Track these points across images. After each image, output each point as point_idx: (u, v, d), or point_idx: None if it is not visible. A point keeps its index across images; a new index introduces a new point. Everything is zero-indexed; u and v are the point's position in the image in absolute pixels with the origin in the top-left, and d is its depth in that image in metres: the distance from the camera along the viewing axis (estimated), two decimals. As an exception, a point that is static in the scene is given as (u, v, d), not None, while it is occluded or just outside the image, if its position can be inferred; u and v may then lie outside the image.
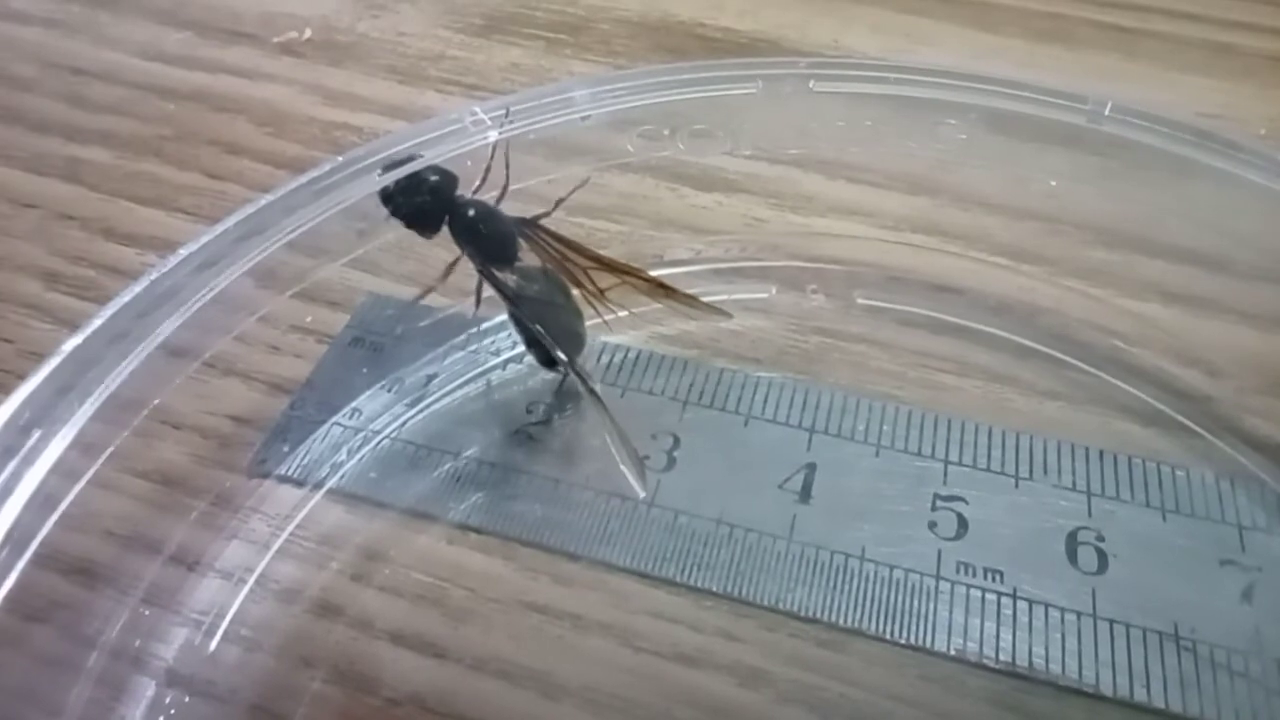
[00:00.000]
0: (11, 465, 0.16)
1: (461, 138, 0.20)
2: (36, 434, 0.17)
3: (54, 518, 0.17)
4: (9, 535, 0.16)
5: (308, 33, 0.34)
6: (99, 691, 0.17)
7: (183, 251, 0.20)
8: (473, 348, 0.23)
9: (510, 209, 0.26)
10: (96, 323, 0.18)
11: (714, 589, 0.19)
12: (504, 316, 0.23)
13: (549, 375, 0.22)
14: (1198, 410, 0.21)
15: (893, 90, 0.20)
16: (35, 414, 0.17)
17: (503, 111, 0.20)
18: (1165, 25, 0.35)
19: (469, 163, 0.20)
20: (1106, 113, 0.20)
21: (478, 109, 0.20)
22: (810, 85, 0.20)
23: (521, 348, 0.22)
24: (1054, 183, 0.22)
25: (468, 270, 0.25)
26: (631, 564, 0.19)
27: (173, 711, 0.17)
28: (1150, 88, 0.32)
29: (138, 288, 0.19)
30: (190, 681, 0.17)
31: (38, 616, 0.18)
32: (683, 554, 0.19)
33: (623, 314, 0.21)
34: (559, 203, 0.21)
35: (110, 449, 0.18)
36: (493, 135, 0.20)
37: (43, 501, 0.16)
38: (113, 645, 0.18)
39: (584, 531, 0.19)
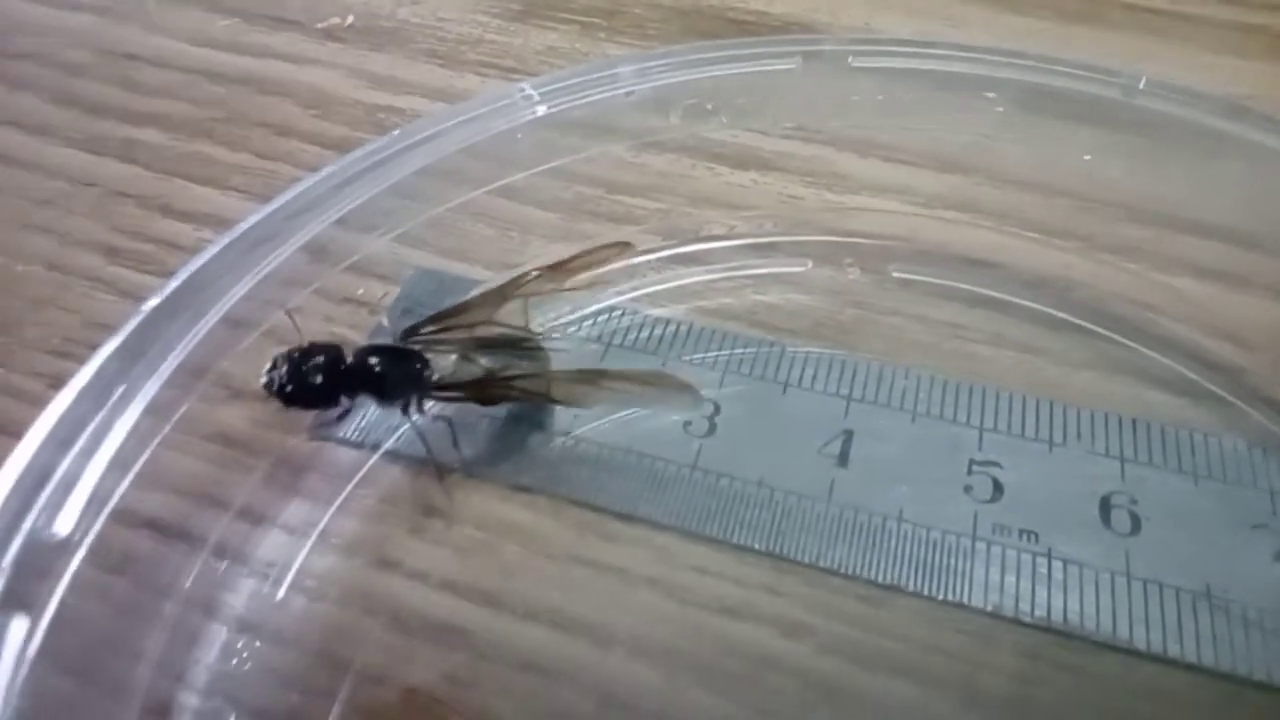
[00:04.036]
0: (90, 428, 0.17)
1: (512, 113, 0.21)
2: (114, 397, 0.18)
3: (129, 478, 0.17)
4: (92, 496, 0.16)
5: (350, 19, 0.35)
6: (175, 637, 0.18)
7: (241, 227, 0.21)
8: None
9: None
10: (161, 297, 0.19)
11: (756, 547, 0.19)
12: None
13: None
14: (1230, 381, 0.22)
15: (931, 65, 0.20)
16: (109, 382, 0.18)
17: (552, 86, 0.20)
18: (1196, 8, 0.35)
19: (519, 135, 0.20)
20: (1141, 87, 0.20)
21: (526, 85, 0.21)
22: (850, 61, 0.21)
23: (572, 315, 0.23)
24: (1088, 157, 0.22)
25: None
26: (676, 523, 0.20)
27: (245, 654, 0.18)
28: (1182, 69, 0.32)
29: (199, 262, 0.20)
30: (260, 628, 0.18)
31: (117, 569, 0.19)
32: (725, 514, 0.20)
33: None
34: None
35: (178, 414, 0.19)
36: (541, 110, 0.21)
37: (122, 463, 0.17)
38: (186, 595, 0.19)
39: (630, 492, 0.20)
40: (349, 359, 0.19)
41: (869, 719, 0.17)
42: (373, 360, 0.20)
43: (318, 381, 0.19)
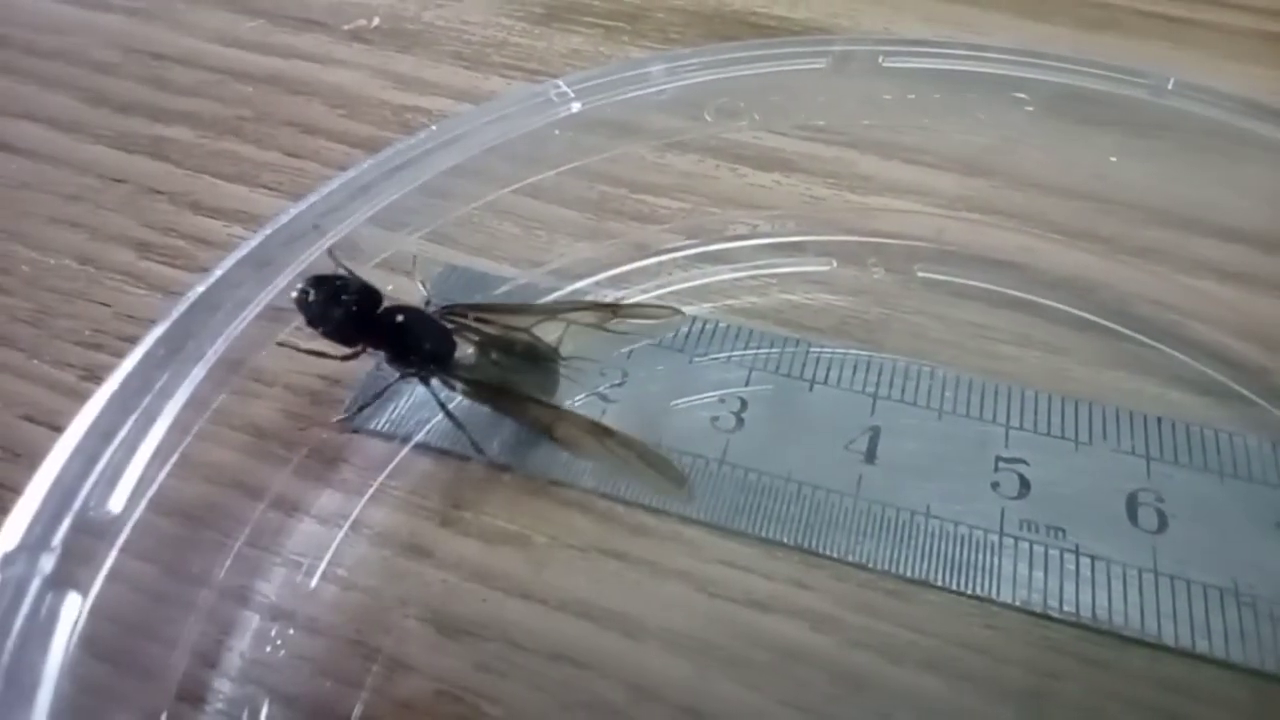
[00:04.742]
0: (134, 417, 0.17)
1: (546, 110, 0.21)
2: (156, 388, 0.18)
3: (167, 467, 0.18)
4: (136, 484, 0.17)
5: (376, 20, 0.35)
6: (209, 625, 0.18)
7: (276, 223, 0.21)
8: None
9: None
10: (203, 288, 0.19)
11: (785, 541, 0.19)
12: (576, 285, 0.24)
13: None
14: (1254, 380, 0.22)
15: (962, 66, 0.21)
16: (152, 372, 0.18)
17: (586, 84, 0.21)
18: (1214, 15, 0.35)
19: (556, 131, 0.21)
20: (1170, 87, 0.20)
21: (561, 82, 0.21)
22: (881, 61, 0.21)
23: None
24: (1114, 159, 0.22)
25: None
26: (704, 516, 0.20)
27: (278, 642, 0.18)
28: (1201, 76, 0.32)
29: (236, 256, 0.20)
30: (292, 616, 0.18)
31: (152, 558, 0.19)
32: (754, 508, 0.20)
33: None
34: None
35: (213, 406, 0.19)
36: (575, 107, 0.21)
37: (162, 453, 0.17)
38: (220, 583, 0.19)
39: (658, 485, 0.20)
40: (385, 309, 0.19)
41: (897, 712, 0.17)
42: (403, 318, 0.20)
43: (345, 313, 0.19)
